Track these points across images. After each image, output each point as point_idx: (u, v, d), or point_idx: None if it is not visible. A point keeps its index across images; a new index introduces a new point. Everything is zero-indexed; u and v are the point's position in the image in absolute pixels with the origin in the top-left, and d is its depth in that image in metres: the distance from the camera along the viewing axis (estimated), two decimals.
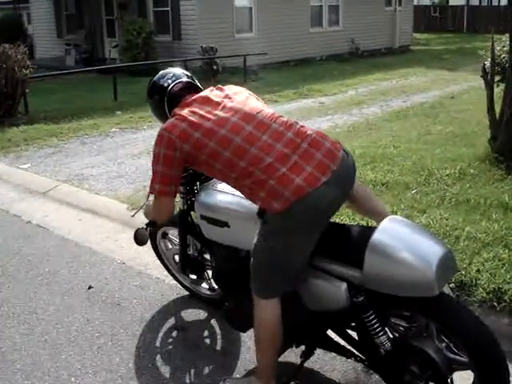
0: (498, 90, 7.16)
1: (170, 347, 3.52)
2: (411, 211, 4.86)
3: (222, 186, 3.11)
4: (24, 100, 11.03)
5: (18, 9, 26.67)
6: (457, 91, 12.87)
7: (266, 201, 2.51)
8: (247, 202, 2.77)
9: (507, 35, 7.31)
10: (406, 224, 2.59)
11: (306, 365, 3.07)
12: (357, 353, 2.86)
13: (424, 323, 2.54)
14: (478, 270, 3.73)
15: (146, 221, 3.06)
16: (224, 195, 3.08)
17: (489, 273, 3.72)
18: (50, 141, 9.12)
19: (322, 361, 3.25)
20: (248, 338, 3.53)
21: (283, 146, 2.54)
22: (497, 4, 35.40)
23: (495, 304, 3.52)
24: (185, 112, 2.70)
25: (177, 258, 3.88)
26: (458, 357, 2.50)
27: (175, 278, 4.11)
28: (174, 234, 3.87)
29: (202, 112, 2.67)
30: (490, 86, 6.43)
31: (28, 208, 6.09)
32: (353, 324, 2.81)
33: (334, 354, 3.15)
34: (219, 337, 3.63)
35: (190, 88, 2.93)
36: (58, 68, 16.86)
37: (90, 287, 4.26)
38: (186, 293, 4.10)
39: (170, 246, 3.98)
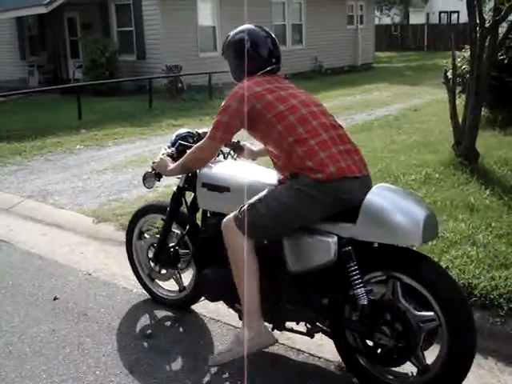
0: (460, 101, 7.27)
1: (139, 354, 3.42)
2: None
3: (225, 164, 3.47)
4: None
5: None
6: (419, 104, 13.07)
7: (310, 169, 2.77)
8: (248, 174, 3.21)
9: (466, 49, 7.50)
10: (394, 188, 2.89)
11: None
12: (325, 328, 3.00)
13: (391, 288, 2.74)
14: (447, 267, 3.73)
15: None
16: (228, 166, 3.42)
17: (458, 269, 3.73)
18: (14, 159, 8.98)
19: None
20: (219, 343, 3.49)
21: (336, 135, 2.91)
22: (456, 22, 36.26)
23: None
24: (259, 80, 3.04)
25: (150, 254, 3.88)
26: (424, 313, 2.66)
27: (141, 282, 4.08)
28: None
29: (276, 84, 3.04)
30: (452, 92, 6.53)
31: None
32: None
33: None
34: (188, 342, 3.54)
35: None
36: (22, 89, 16.63)
37: (55, 298, 4.15)
38: (154, 301, 4.03)
39: (144, 243, 3.97)
